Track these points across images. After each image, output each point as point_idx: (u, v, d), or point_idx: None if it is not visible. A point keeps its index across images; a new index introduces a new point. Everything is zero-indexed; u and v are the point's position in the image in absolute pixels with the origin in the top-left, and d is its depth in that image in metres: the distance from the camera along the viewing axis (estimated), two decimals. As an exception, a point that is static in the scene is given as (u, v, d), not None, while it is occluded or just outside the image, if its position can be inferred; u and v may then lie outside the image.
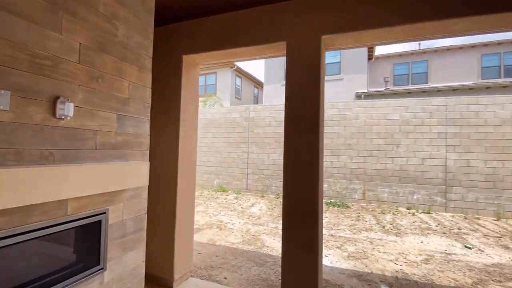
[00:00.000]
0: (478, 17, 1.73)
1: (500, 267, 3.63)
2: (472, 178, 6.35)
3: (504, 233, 5.13)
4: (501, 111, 6.23)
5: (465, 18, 1.76)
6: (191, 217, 2.84)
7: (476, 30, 1.93)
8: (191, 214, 2.85)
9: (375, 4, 1.94)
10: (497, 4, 1.67)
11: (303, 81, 2.13)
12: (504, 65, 12.89)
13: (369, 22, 1.94)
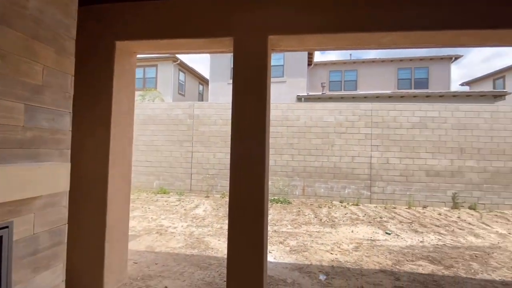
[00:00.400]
0: (402, 33, 1.98)
1: (412, 248, 4.31)
2: (390, 173, 7.42)
3: (414, 219, 6.13)
4: (412, 117, 7.45)
5: (393, 32, 1.99)
6: (125, 223, 2.54)
7: (401, 44, 2.21)
8: (125, 220, 2.55)
9: (317, 11, 2.04)
10: (417, 23, 1.94)
11: (250, 79, 2.10)
12: (415, 78, 15.49)
13: (312, 27, 2.03)
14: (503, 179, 7.05)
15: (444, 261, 3.75)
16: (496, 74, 16.75)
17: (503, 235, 5.14)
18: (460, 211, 6.86)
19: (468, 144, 7.22)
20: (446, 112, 7.34)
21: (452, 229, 5.37)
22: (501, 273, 3.42)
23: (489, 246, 4.50)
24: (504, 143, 7.11)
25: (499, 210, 6.97)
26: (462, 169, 7.19)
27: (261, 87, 2.08)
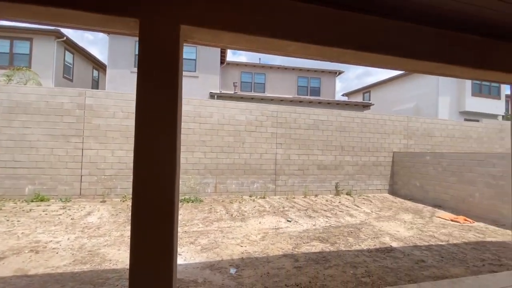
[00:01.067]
0: (303, 44, 2.25)
1: (307, 231, 5.00)
2: (291, 168, 8.40)
3: (308, 206, 7.15)
4: (308, 119, 8.66)
5: (297, 43, 2.23)
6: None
7: (302, 54, 2.50)
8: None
9: (232, 9, 2.06)
10: (314, 38, 2.25)
11: (159, 70, 1.92)
12: (310, 87, 18.02)
13: (227, 24, 2.03)
14: (368, 170, 9.17)
15: (330, 239, 4.54)
16: (365, 89, 21.55)
17: (368, 213, 6.68)
18: (341, 197, 8.49)
19: (347, 143, 9.00)
20: (332, 117, 8.91)
21: (335, 212, 6.57)
22: (367, 243, 4.44)
23: (359, 223, 5.75)
24: (369, 143, 9.24)
25: (365, 194, 9.02)
26: (342, 163, 8.91)
27: (172, 79, 1.93)
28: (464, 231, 5.29)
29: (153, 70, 1.88)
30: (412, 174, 8.63)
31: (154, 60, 1.89)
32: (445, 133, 10.26)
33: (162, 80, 1.89)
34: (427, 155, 8.16)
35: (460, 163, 7.11)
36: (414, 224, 5.75)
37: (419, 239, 4.69)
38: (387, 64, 2.71)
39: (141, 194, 1.85)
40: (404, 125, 9.73)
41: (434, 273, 3.27)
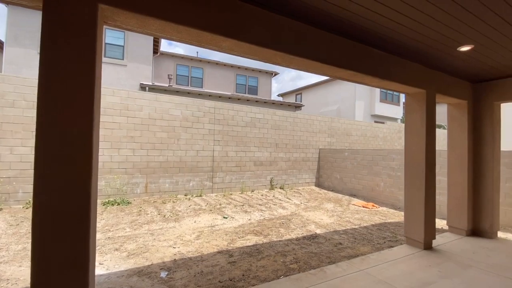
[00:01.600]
0: (237, 42, 2.27)
1: (243, 226, 5.12)
2: (229, 165, 8.45)
3: (245, 202, 7.32)
4: (245, 117, 8.83)
5: (230, 39, 2.24)
6: None
7: (237, 52, 2.52)
8: None
9: (162, -4, 1.92)
10: (248, 37, 2.29)
11: (70, 53, 1.65)
12: (248, 85, 18.40)
13: (154, 10, 1.89)
14: (298, 165, 9.95)
15: (264, 232, 4.76)
16: (297, 90, 23.26)
17: (298, 204, 7.26)
18: (275, 191, 8.99)
19: (281, 140, 9.56)
20: (267, 115, 9.32)
21: (269, 206, 6.92)
22: (296, 232, 4.82)
23: (290, 214, 6.20)
24: (299, 140, 10.03)
25: (296, 188, 9.77)
26: (276, 159, 9.43)
27: (87, 64, 1.69)
28: (372, 215, 6.29)
29: (61, 52, 1.60)
30: (334, 168, 9.78)
31: (63, 40, 1.61)
32: (360, 133, 11.96)
33: (73, 64, 1.63)
34: (346, 151, 9.37)
35: (369, 158, 8.41)
36: (335, 212, 6.53)
37: (338, 225, 5.36)
38: (312, 68, 2.97)
39: (44, 199, 1.56)
40: (328, 125, 10.92)
41: (349, 253, 3.79)
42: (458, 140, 4.60)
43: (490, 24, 2.62)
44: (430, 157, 3.83)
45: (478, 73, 4.16)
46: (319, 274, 2.98)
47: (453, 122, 4.70)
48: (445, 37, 2.91)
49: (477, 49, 3.21)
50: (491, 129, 4.46)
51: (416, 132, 3.92)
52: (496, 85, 4.41)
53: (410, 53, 3.44)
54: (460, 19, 2.55)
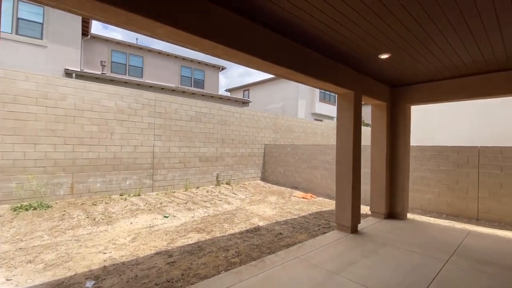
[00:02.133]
0: (171, 29, 2.13)
1: (185, 225, 4.94)
2: (171, 161, 8.03)
3: (188, 199, 7.08)
4: (190, 111, 8.49)
5: (167, 26, 2.08)
6: None
7: (174, 40, 2.37)
8: None
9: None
10: (185, 25, 2.17)
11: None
12: (194, 78, 17.73)
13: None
14: (244, 161, 10.09)
15: (207, 228, 4.69)
16: (245, 87, 23.46)
17: (243, 199, 7.37)
18: (221, 187, 8.93)
19: (227, 136, 9.52)
20: (214, 110, 9.15)
21: (214, 202, 6.85)
22: (240, 226, 4.88)
23: (235, 209, 6.25)
24: (246, 136, 10.16)
25: (242, 183, 9.90)
26: (223, 155, 9.37)
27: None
28: (310, 205, 6.80)
29: None
30: (278, 162, 10.23)
31: None
32: (301, 130, 12.76)
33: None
34: (288, 147, 9.89)
35: (309, 153, 9.05)
36: (277, 204, 6.84)
37: (280, 216, 5.63)
38: (253, 64, 3.01)
39: None
40: (273, 121, 11.33)
41: (288, 242, 4.02)
42: (379, 137, 5.29)
43: (403, 37, 3.06)
44: (356, 152, 4.31)
45: (395, 79, 4.84)
46: (259, 264, 3.07)
47: (375, 121, 5.38)
48: (369, 44, 3.29)
49: (393, 58, 3.72)
50: (404, 128, 5.27)
51: (345, 130, 4.35)
52: (408, 90, 5.20)
53: (341, 57, 3.78)
54: (380, 30, 2.90)
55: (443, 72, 4.32)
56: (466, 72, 4.25)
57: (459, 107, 8.50)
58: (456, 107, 8.48)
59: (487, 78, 4.24)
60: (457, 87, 4.56)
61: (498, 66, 3.95)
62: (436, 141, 8.56)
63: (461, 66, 3.97)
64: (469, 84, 4.42)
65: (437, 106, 8.78)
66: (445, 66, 4.02)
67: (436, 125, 9.32)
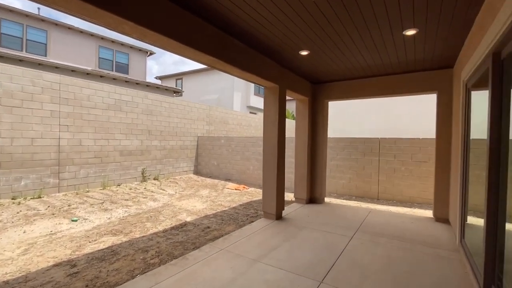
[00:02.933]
0: (88, 5, 1.73)
1: (98, 228, 4.33)
2: (84, 156, 6.94)
3: (106, 198, 6.26)
4: (107, 98, 7.45)
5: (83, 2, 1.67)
6: None
7: (64, 9, 1.93)
8: None
9: None
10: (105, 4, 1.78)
11: None
12: (116, 61, 15.68)
13: None
14: (175, 154, 9.54)
15: (125, 230, 4.22)
16: (178, 75, 22.09)
17: (172, 194, 6.95)
18: (147, 182, 8.23)
19: (154, 127, 8.78)
20: (138, 98, 8.28)
21: (138, 200, 6.25)
22: (165, 224, 4.57)
23: (162, 205, 5.83)
24: (176, 127, 9.58)
25: (173, 177, 9.35)
26: (149, 148, 8.62)
27: None
28: (242, 196, 6.91)
29: None
30: (212, 155, 10.04)
31: None
32: (236, 122, 12.82)
33: None
34: (222, 139, 9.80)
35: (242, 145, 9.16)
36: (209, 197, 6.71)
37: (210, 209, 5.53)
38: (171, 47, 2.76)
39: None
40: (207, 113, 11.02)
41: (215, 235, 3.96)
42: (302, 129, 5.69)
43: (319, 36, 3.27)
44: (281, 143, 4.52)
45: (315, 76, 5.23)
46: (181, 262, 2.92)
47: (299, 114, 5.75)
48: (290, 40, 3.42)
49: (312, 55, 3.98)
50: (322, 121, 5.79)
51: (271, 122, 4.50)
52: (326, 87, 5.72)
53: (266, 50, 3.84)
54: (299, 27, 3.03)
55: (354, 72, 4.88)
56: (371, 73, 4.91)
57: (368, 104, 9.90)
58: (365, 103, 9.85)
59: (387, 79, 4.99)
60: (365, 86, 5.24)
61: (393, 70, 4.69)
62: (349, 133, 9.81)
63: (367, 67, 4.55)
64: (375, 83, 5.13)
65: (351, 102, 10.03)
66: (354, 67, 4.54)
67: (349, 119, 10.66)
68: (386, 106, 9.82)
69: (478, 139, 2.87)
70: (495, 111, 1.98)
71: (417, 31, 3.04)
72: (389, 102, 9.48)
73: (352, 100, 9.41)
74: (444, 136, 4.50)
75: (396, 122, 9.63)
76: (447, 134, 4.46)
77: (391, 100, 9.31)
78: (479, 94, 2.88)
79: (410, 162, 6.08)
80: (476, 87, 2.84)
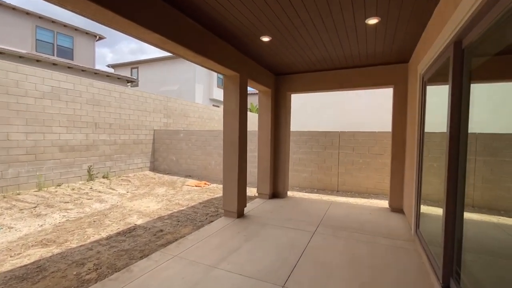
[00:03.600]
0: None
1: (25, 238, 3.62)
2: (13, 152, 5.87)
3: (41, 201, 5.37)
4: (42, 85, 6.37)
5: None
6: None
7: None
8: None
9: None
10: None
11: None
12: (58, 45, 13.78)
13: None
14: (128, 149, 8.69)
15: (60, 239, 3.59)
16: (133, 64, 20.35)
17: (123, 194, 6.27)
18: (95, 181, 7.35)
19: (102, 119, 7.84)
20: (81, 86, 7.26)
21: (80, 202, 5.48)
22: (110, 229, 4.01)
23: (109, 207, 5.18)
24: (129, 120, 8.71)
25: (125, 175, 8.52)
26: (96, 143, 7.68)
27: None
28: (202, 193, 6.51)
29: None
30: (170, 150, 9.38)
31: None
32: (197, 115, 12.20)
33: None
34: (181, 133, 9.19)
35: (203, 139, 8.69)
36: (165, 196, 6.19)
37: (165, 210, 5.06)
38: (110, 22, 2.27)
39: None
40: (164, 104, 10.24)
41: (168, 240, 3.56)
42: (265, 122, 5.48)
43: (282, 21, 3.03)
44: (242, 136, 4.24)
45: (277, 66, 5.03)
46: (123, 276, 2.49)
47: (262, 106, 5.52)
48: (251, 23, 3.12)
49: (274, 42, 3.74)
50: (285, 114, 5.65)
51: (231, 113, 4.19)
52: (288, 79, 5.56)
53: (226, 35, 3.49)
54: (260, 8, 2.74)
55: (316, 64, 4.78)
56: (333, 65, 4.85)
57: (328, 98, 10.12)
58: (326, 97, 10.05)
59: (348, 72, 4.99)
60: (327, 79, 5.19)
61: (353, 63, 4.69)
62: (310, 126, 9.94)
63: (328, 59, 4.47)
64: (336, 76, 5.10)
65: (314, 95, 10.16)
66: (317, 59, 4.43)
67: (311, 112, 10.82)
68: (347, 100, 10.14)
69: (433, 132, 2.93)
70: (455, 99, 1.94)
71: (379, 20, 2.98)
72: (350, 95, 9.80)
73: (312, 94, 9.52)
74: (399, 129, 4.65)
75: (353, 116, 10.01)
76: (402, 127, 4.62)
77: (353, 94, 9.63)
78: (435, 89, 2.92)
79: (368, 154, 6.30)
80: (433, 80, 2.87)
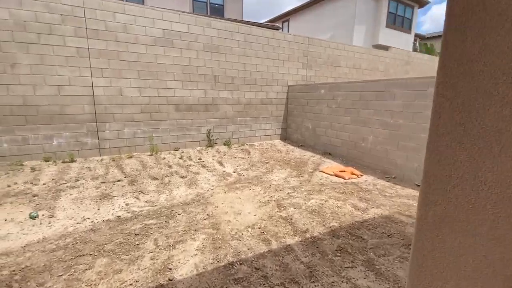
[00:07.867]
0: None
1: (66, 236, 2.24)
2: (127, 110, 5.26)
3: (135, 173, 4.39)
4: (151, 28, 5.24)
5: None
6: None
7: None
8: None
9: None
10: None
11: None
12: (210, 3, 13.79)
13: None
14: (254, 111, 6.72)
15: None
16: (283, 16, 18.36)
17: (226, 175, 4.33)
18: (213, 149, 5.99)
19: (222, 71, 6.12)
20: (196, 28, 5.66)
21: (168, 181, 3.98)
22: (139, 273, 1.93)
23: (189, 201, 3.30)
24: (255, 72, 6.58)
25: (250, 143, 6.78)
26: (216, 101, 6.10)
27: None
28: (345, 194, 3.41)
29: None
30: (306, 113, 6.60)
31: None
32: (352, 63, 8.38)
33: None
34: (322, 88, 6.05)
35: (356, 97, 5.15)
36: (279, 190, 3.63)
37: (259, 233, 2.47)
38: None
39: None
40: (304, 49, 7.30)
41: None
42: None
43: None
44: None
45: None
46: None
47: None
48: None
49: None
50: None
51: None
52: None
53: None
54: None
55: None
56: None
57: None
58: None
59: None
60: None
61: None
62: None
63: None
64: None
65: None
66: None
67: None
68: None
69: None
70: None
71: None
72: None
73: None
74: None
75: None
76: None
77: None
78: None
79: None
80: None
